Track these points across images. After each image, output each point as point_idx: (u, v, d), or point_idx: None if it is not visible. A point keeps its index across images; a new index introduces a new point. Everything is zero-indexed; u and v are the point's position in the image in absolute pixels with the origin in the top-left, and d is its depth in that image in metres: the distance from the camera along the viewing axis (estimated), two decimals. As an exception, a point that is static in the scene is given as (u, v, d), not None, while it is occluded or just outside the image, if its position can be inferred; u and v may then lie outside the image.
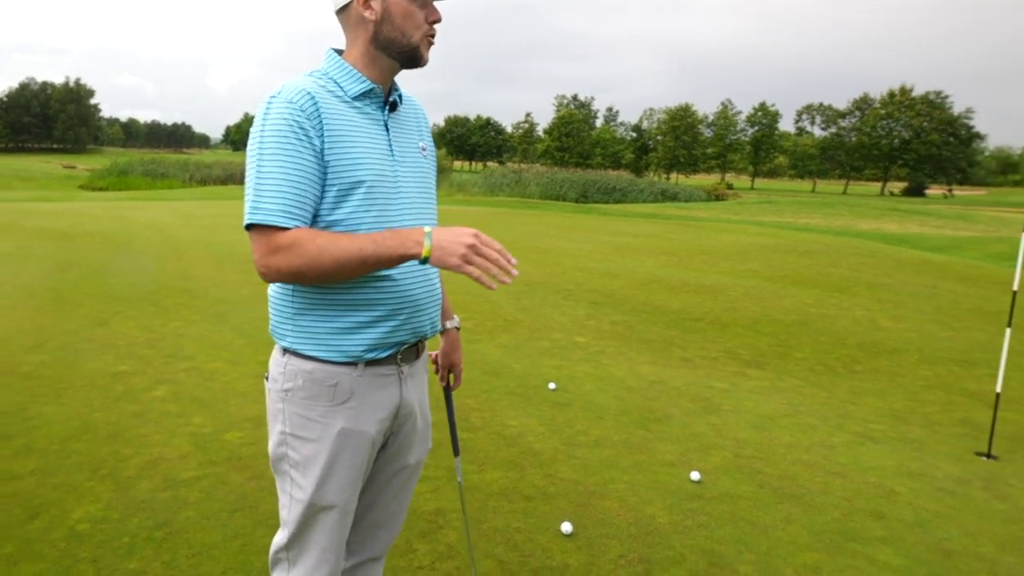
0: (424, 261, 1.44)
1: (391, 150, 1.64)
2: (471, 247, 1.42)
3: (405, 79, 1.73)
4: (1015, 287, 4.50)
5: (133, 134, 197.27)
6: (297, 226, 1.48)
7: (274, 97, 1.52)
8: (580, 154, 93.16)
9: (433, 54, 1.67)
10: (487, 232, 1.61)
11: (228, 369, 4.86)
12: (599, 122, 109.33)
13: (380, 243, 1.45)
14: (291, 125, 1.48)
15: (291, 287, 1.61)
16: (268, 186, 1.48)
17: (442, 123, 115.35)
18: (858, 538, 3.06)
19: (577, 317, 7.16)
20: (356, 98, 1.61)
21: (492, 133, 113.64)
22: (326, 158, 1.51)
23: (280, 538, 1.70)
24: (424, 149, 1.75)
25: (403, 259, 1.46)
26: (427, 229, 1.45)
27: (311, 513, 1.64)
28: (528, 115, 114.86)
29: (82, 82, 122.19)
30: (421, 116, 1.81)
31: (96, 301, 6.77)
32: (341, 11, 1.62)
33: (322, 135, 1.51)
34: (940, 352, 6.58)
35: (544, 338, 6.27)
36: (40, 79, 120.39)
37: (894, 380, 5.63)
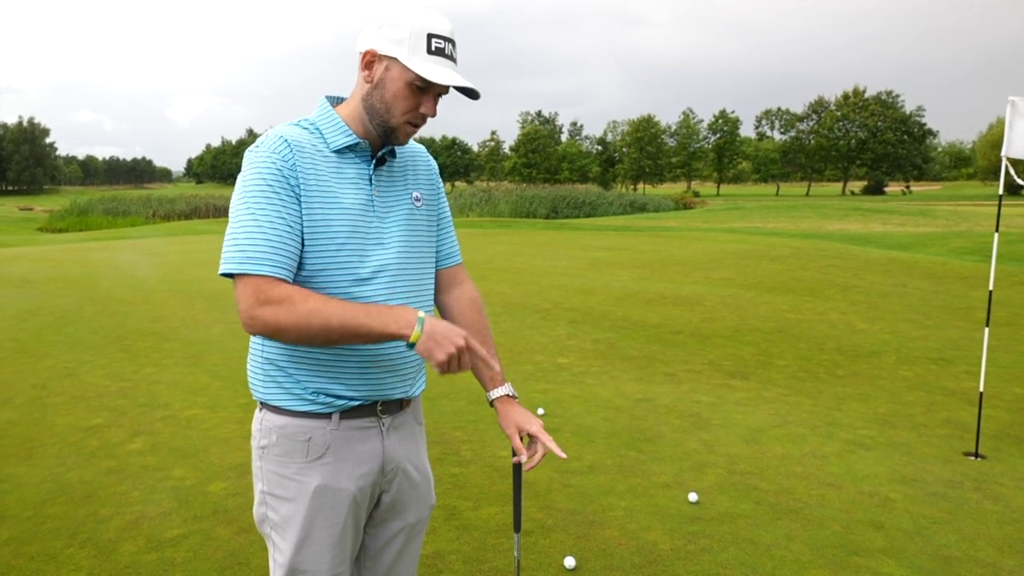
0: (411, 346, 1.40)
1: (372, 205, 1.59)
2: (460, 350, 1.39)
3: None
4: (991, 287, 4.58)
5: (91, 171, 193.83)
6: (285, 277, 1.45)
7: (257, 147, 1.53)
8: (547, 169, 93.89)
9: None
10: (460, 253, 1.75)
11: (206, 415, 4.71)
12: (564, 137, 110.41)
13: (372, 316, 1.40)
14: (273, 174, 1.48)
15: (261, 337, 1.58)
16: (255, 235, 1.44)
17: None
18: (860, 551, 3.05)
19: (558, 337, 7.13)
20: (338, 151, 1.58)
21: (459, 152, 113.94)
22: (301, 210, 1.51)
23: None
24: (418, 199, 1.69)
25: (391, 337, 1.41)
26: (421, 314, 1.40)
27: None
28: (494, 133, 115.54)
29: (36, 121, 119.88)
30: (421, 164, 1.75)
31: (62, 350, 6.55)
32: (358, 55, 1.58)
33: (298, 187, 1.50)
34: (917, 351, 6.67)
35: (527, 361, 6.21)
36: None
37: (876, 383, 5.68)
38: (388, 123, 1.55)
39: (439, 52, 1.48)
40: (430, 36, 1.48)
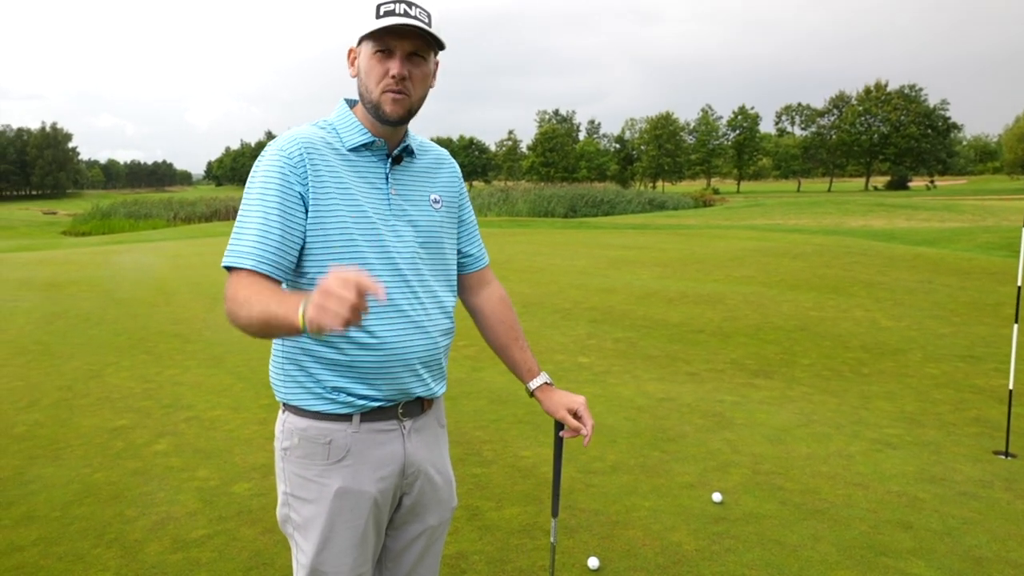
0: (306, 331, 1.23)
1: (389, 203, 1.60)
2: (353, 309, 1.14)
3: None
4: (1019, 282, 4.48)
5: (113, 175, 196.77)
6: (265, 272, 1.46)
7: (270, 147, 1.56)
8: (565, 168, 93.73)
9: None
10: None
11: (230, 416, 4.75)
12: (582, 135, 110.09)
13: (281, 304, 1.28)
14: (277, 174, 1.50)
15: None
16: (244, 231, 1.48)
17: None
18: (888, 552, 3.00)
19: (578, 336, 7.10)
20: (353, 150, 1.59)
21: (476, 152, 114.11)
22: (309, 210, 1.52)
23: None
24: (437, 202, 1.69)
25: (293, 326, 1.24)
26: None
27: None
28: (511, 132, 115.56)
29: (59, 126, 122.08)
30: (444, 167, 1.76)
31: (87, 352, 6.65)
32: None
33: (307, 185, 1.51)
34: (944, 349, 6.55)
35: (547, 360, 6.19)
36: (15, 126, 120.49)
37: (902, 381, 5.59)
38: (372, 101, 1.55)
39: (389, 13, 1.49)
40: (378, 6, 1.51)
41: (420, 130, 1.75)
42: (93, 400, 5.16)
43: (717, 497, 3.46)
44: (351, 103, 1.64)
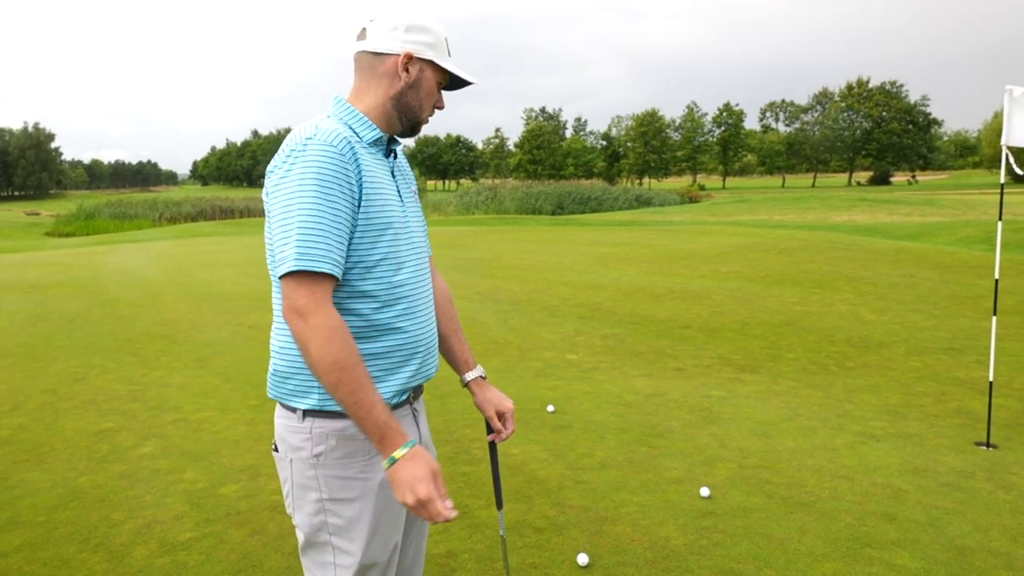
0: (390, 462, 1.47)
1: (400, 195, 1.68)
2: (418, 502, 1.43)
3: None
4: (996, 275, 4.54)
5: (97, 176, 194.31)
6: (338, 275, 1.48)
7: (310, 139, 1.49)
8: (552, 166, 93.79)
9: None
10: (467, 251, 1.71)
11: (217, 418, 4.72)
12: (568, 133, 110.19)
13: (368, 418, 1.44)
14: (333, 170, 1.48)
15: None
16: (312, 229, 1.44)
17: (412, 144, 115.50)
18: (873, 543, 3.03)
19: (567, 333, 7.12)
20: (370, 145, 1.63)
21: (463, 150, 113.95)
22: (362, 204, 1.53)
23: None
24: (415, 192, 1.81)
25: (378, 442, 1.47)
26: (402, 450, 1.45)
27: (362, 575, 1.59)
28: (498, 130, 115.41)
29: (41, 126, 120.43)
30: (404, 160, 1.85)
31: (72, 355, 6.58)
32: (372, 55, 1.61)
33: (360, 181, 1.53)
34: (926, 342, 6.63)
35: (536, 358, 6.21)
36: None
37: (886, 374, 5.65)
38: (419, 117, 1.66)
39: (450, 53, 1.68)
40: (446, 40, 1.67)
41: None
42: (78, 403, 5.11)
43: (705, 492, 3.49)
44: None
